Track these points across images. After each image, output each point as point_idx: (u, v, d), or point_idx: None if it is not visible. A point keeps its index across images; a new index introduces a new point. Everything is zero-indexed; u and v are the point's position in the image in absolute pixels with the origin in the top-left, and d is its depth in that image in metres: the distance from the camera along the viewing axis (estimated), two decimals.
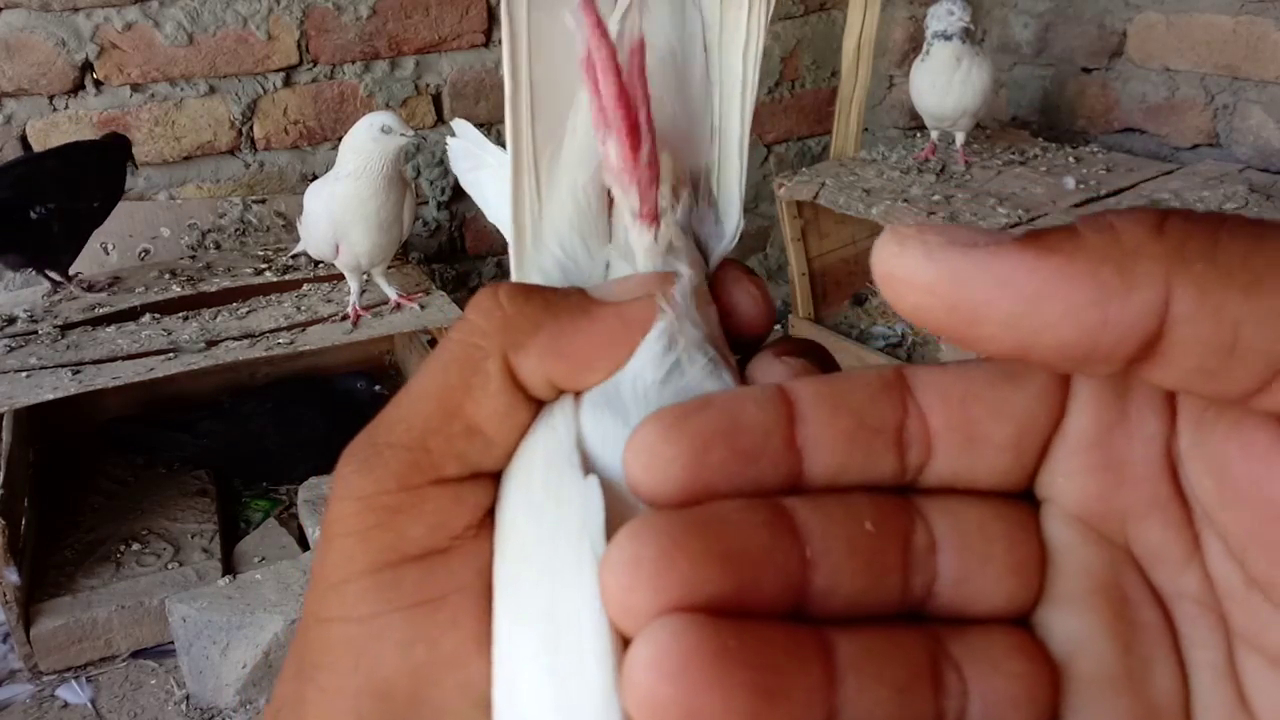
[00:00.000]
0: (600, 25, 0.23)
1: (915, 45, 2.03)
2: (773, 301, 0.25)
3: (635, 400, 0.21)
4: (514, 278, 0.25)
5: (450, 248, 2.02)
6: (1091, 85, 1.97)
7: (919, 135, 1.98)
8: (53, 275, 1.56)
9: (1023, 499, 0.19)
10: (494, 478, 0.22)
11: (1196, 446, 0.17)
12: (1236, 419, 0.16)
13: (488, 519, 0.21)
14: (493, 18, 1.88)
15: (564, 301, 0.22)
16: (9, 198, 1.43)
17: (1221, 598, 0.17)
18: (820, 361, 0.23)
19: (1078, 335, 0.15)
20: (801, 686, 0.16)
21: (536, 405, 0.22)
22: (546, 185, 0.25)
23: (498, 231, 0.33)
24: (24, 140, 1.65)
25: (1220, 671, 0.17)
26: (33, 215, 1.43)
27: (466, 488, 0.21)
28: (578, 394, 0.22)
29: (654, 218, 0.24)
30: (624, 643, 0.17)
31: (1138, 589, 0.18)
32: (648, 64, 0.25)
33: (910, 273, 0.16)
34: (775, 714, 0.16)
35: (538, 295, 0.22)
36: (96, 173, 1.53)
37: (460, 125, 0.36)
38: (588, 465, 0.21)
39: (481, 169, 0.35)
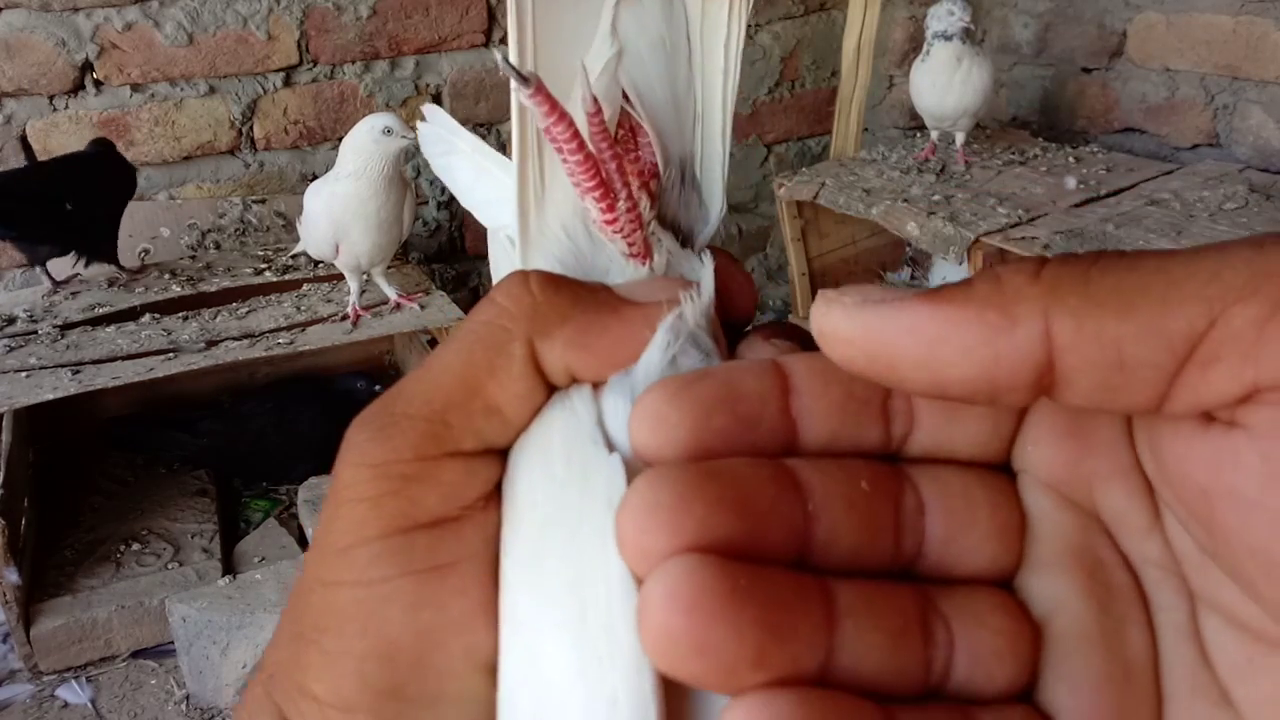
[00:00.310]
0: (555, 108, 0.24)
1: (915, 45, 2.03)
2: (756, 288, 0.26)
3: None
4: (519, 261, 0.26)
5: (450, 248, 2.02)
6: (1091, 85, 1.97)
7: (919, 135, 1.98)
8: (96, 264, 1.58)
9: (1002, 471, 0.21)
10: (502, 454, 0.23)
11: (1141, 427, 0.19)
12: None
13: (495, 492, 0.22)
14: (493, 18, 1.88)
15: (592, 297, 0.23)
16: (45, 191, 1.45)
17: (1181, 562, 0.19)
18: (804, 344, 0.24)
19: (976, 371, 0.17)
20: (805, 626, 0.17)
21: (551, 390, 0.23)
22: (550, 170, 0.26)
23: None
24: (24, 140, 1.65)
25: (1184, 631, 0.19)
26: (67, 207, 1.47)
27: (479, 461, 0.22)
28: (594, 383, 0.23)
29: (645, 255, 0.25)
30: None
31: (1109, 553, 0.19)
32: (639, 50, 0.25)
33: (835, 329, 0.18)
34: (780, 650, 0.17)
35: (567, 288, 0.23)
36: (114, 171, 1.56)
37: (431, 110, 0.36)
38: (609, 446, 0.21)
39: (453, 154, 0.35)
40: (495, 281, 0.31)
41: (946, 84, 1.70)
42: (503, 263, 0.30)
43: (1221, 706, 0.18)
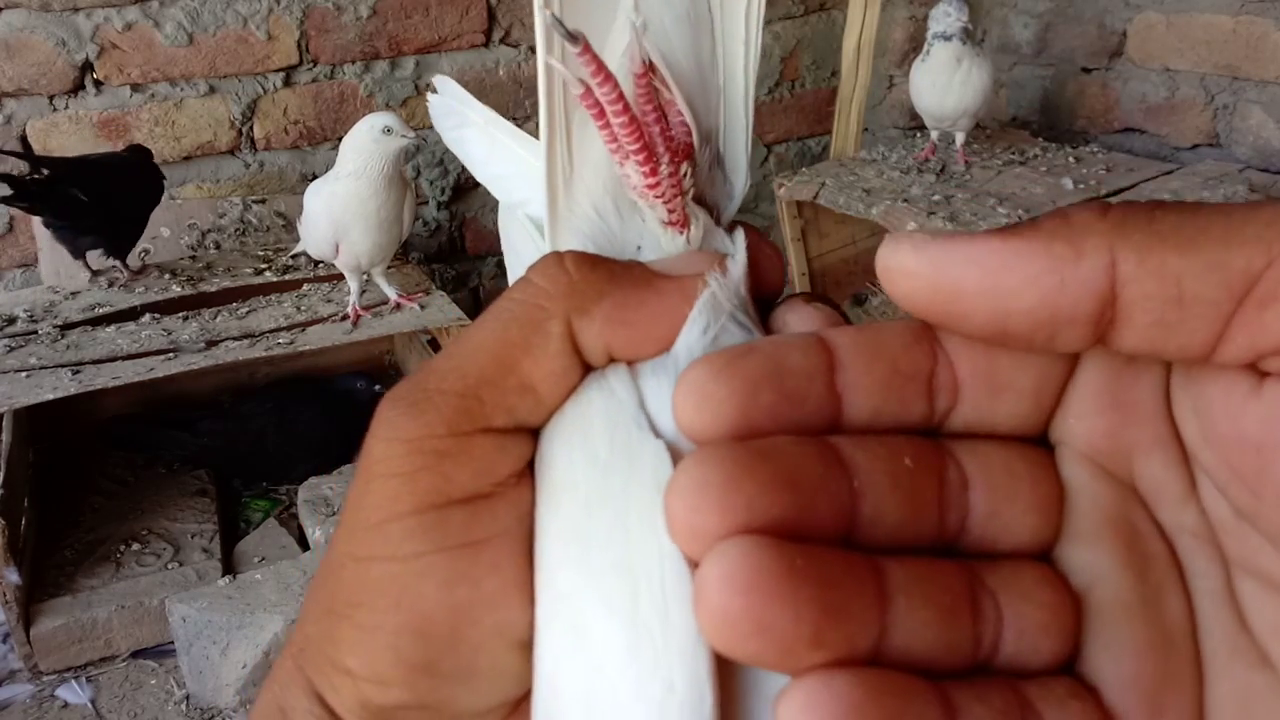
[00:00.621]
0: (602, 67, 0.24)
1: (915, 45, 2.03)
2: (785, 263, 0.26)
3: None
4: (548, 239, 0.26)
5: (450, 248, 2.02)
6: (1091, 85, 1.97)
7: (919, 135, 1.98)
8: (111, 262, 1.60)
9: (1038, 444, 0.21)
10: (534, 433, 0.23)
11: (1183, 389, 0.19)
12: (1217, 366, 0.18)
13: (528, 470, 0.22)
14: (493, 18, 1.88)
15: (628, 273, 0.23)
16: (90, 185, 1.47)
17: (1216, 529, 0.19)
18: (838, 314, 0.24)
19: (1040, 298, 0.18)
20: (859, 604, 0.17)
21: (585, 370, 0.23)
22: (579, 149, 0.26)
23: (498, 231, 0.33)
24: (24, 140, 1.65)
25: (1221, 598, 0.19)
26: (111, 204, 1.49)
27: (511, 439, 0.22)
28: (630, 362, 0.23)
29: (684, 224, 0.25)
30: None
31: (1145, 523, 0.20)
32: (664, 24, 0.25)
33: (901, 264, 0.19)
34: (838, 629, 0.17)
35: (603, 265, 0.23)
36: (148, 175, 1.57)
37: (442, 81, 0.35)
38: (653, 429, 0.21)
39: (465, 127, 0.34)
40: (508, 259, 0.31)
41: (946, 84, 1.70)
42: (516, 240, 0.30)
43: (1260, 668, 0.18)
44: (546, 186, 0.26)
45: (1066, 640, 0.19)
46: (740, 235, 0.25)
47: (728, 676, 0.19)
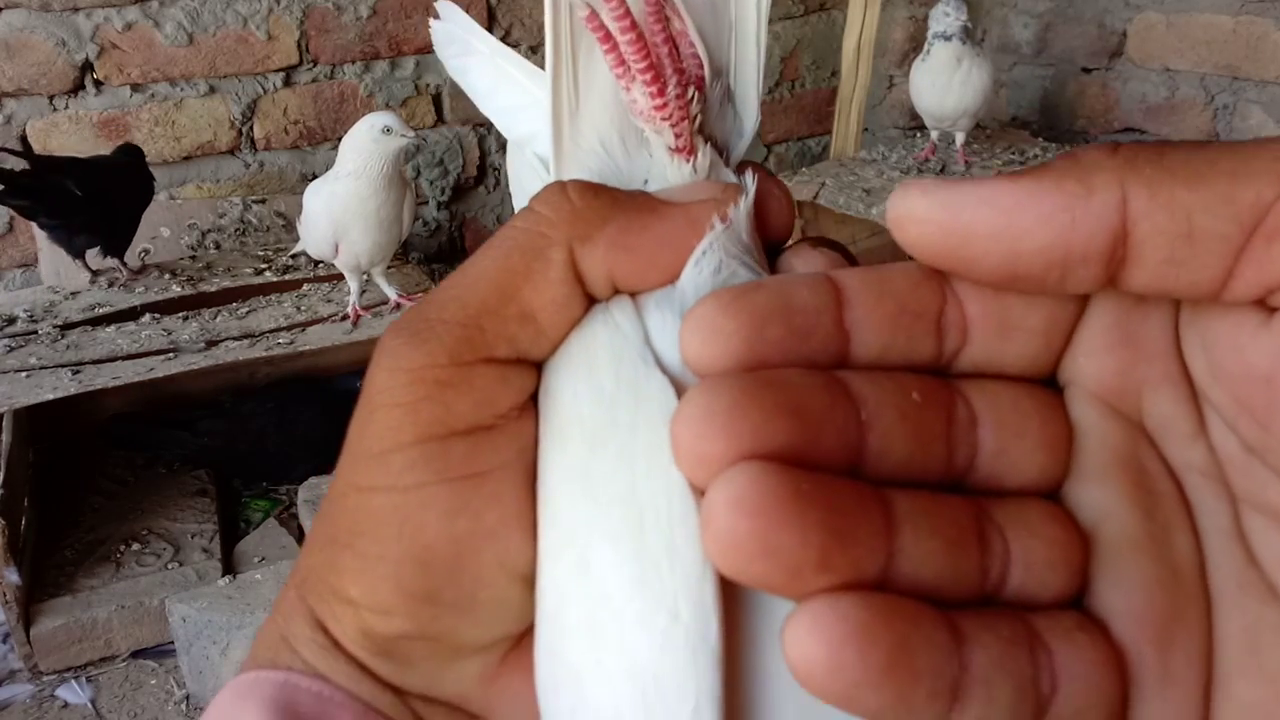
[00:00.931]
0: None
1: (915, 45, 2.03)
2: (794, 204, 0.25)
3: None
4: (553, 174, 0.26)
5: (450, 248, 2.02)
6: (1091, 85, 1.97)
7: (919, 135, 1.98)
8: (107, 261, 1.60)
9: (1048, 386, 0.21)
10: (536, 366, 0.23)
11: (1192, 326, 0.19)
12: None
13: (529, 403, 0.22)
14: (493, 17, 1.88)
15: (631, 200, 0.23)
16: (81, 181, 1.47)
17: (1224, 466, 0.19)
18: (848, 260, 0.24)
19: (1052, 236, 0.18)
20: (866, 531, 0.17)
21: (588, 304, 0.23)
22: (585, 78, 0.25)
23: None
24: (24, 140, 1.65)
25: (1228, 533, 0.19)
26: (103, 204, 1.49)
27: (513, 370, 0.22)
28: (633, 294, 0.23)
29: (690, 150, 0.25)
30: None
31: (1154, 461, 0.20)
32: None
33: (911, 209, 0.19)
34: (844, 553, 0.17)
35: (606, 192, 0.23)
36: (140, 176, 1.57)
37: (445, 7, 0.33)
38: (658, 364, 0.21)
39: (469, 55, 0.33)
40: (515, 202, 0.30)
41: (946, 84, 1.70)
42: (526, 179, 0.29)
43: (1269, 602, 0.18)
44: (551, 120, 0.25)
45: (1074, 576, 0.19)
46: (750, 175, 0.25)
47: (733, 606, 0.19)
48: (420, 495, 0.21)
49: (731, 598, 0.19)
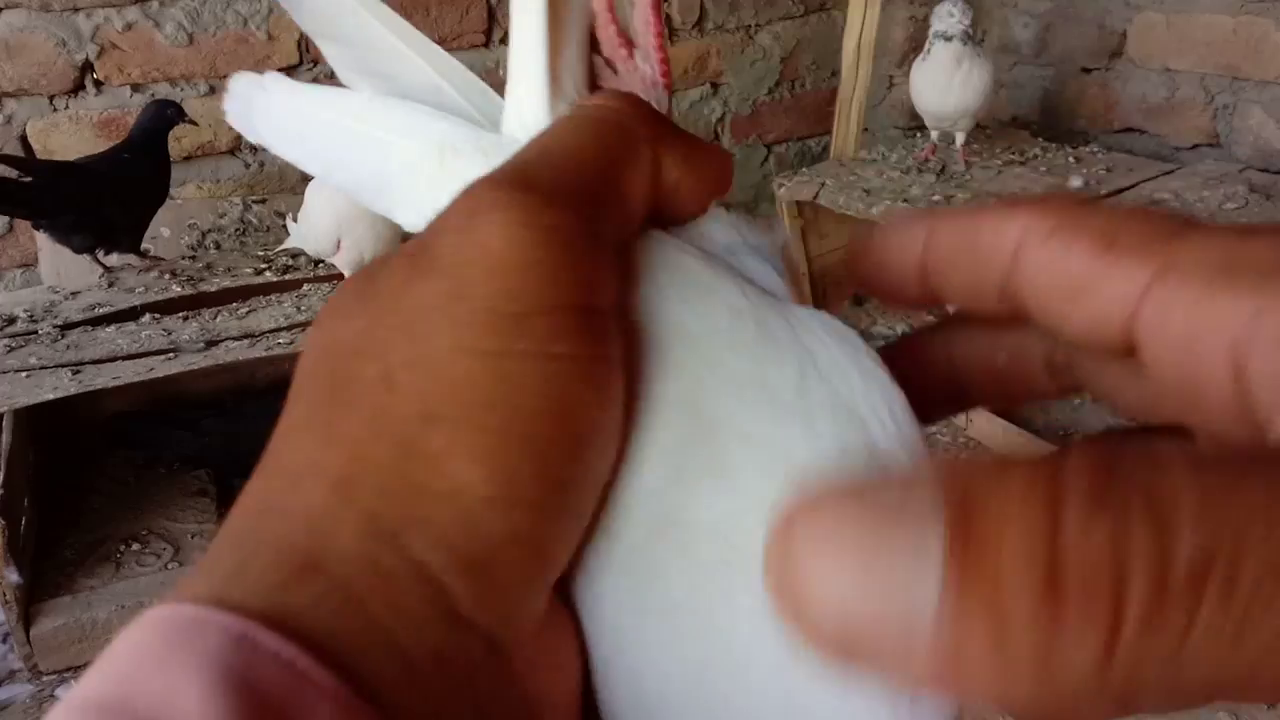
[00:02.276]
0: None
1: (915, 45, 2.03)
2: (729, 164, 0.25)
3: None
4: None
5: None
6: (1091, 85, 1.97)
7: (919, 135, 1.98)
8: (106, 259, 1.60)
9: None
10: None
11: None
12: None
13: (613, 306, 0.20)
14: (493, 17, 1.88)
15: (682, 130, 0.22)
16: (78, 190, 1.47)
17: None
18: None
19: None
20: None
21: (642, 218, 0.21)
22: (565, 62, 0.25)
23: None
24: (24, 140, 1.65)
25: None
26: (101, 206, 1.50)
27: (611, 259, 0.19)
28: (672, 222, 0.22)
29: (669, 78, 0.26)
30: None
31: None
32: None
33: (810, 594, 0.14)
34: None
35: (663, 115, 0.23)
36: (149, 171, 1.57)
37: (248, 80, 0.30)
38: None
39: (268, 112, 0.30)
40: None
41: (947, 84, 1.70)
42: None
43: None
44: (547, 73, 0.24)
45: None
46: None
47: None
48: (572, 366, 0.18)
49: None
